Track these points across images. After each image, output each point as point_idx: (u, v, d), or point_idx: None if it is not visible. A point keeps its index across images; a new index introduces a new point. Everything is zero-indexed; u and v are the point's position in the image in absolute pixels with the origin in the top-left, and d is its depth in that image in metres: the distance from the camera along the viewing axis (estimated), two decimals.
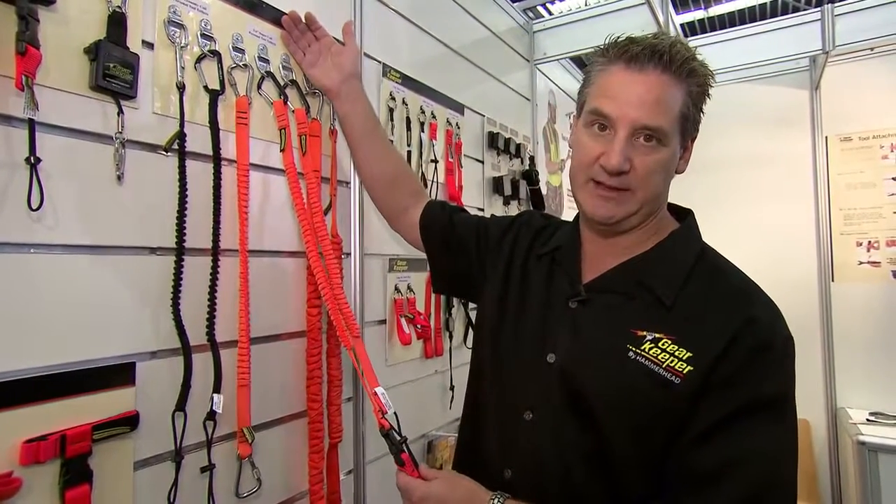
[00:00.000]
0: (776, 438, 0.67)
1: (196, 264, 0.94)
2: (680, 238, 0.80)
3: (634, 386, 0.71)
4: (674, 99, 0.73)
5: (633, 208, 0.75)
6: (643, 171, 0.73)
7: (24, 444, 0.70)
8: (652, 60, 0.72)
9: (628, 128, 0.72)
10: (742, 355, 0.67)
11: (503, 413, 0.84)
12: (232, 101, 1.01)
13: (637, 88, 0.72)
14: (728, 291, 0.74)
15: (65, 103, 0.78)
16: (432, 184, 1.58)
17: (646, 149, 0.73)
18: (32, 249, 0.74)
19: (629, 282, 0.78)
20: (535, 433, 0.78)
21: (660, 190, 0.77)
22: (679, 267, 0.76)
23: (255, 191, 1.04)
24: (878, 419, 2.31)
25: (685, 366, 0.68)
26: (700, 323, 0.71)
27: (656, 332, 0.72)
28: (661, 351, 0.70)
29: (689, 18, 2.95)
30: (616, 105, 0.73)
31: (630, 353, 0.72)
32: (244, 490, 1.00)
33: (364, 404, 1.33)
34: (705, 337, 0.69)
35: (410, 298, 1.50)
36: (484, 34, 1.98)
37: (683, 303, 0.73)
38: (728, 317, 0.70)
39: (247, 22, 1.06)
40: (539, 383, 0.79)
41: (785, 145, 2.73)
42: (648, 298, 0.75)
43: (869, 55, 2.52)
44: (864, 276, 2.53)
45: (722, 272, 0.77)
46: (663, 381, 0.69)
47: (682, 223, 0.83)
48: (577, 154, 0.79)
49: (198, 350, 0.93)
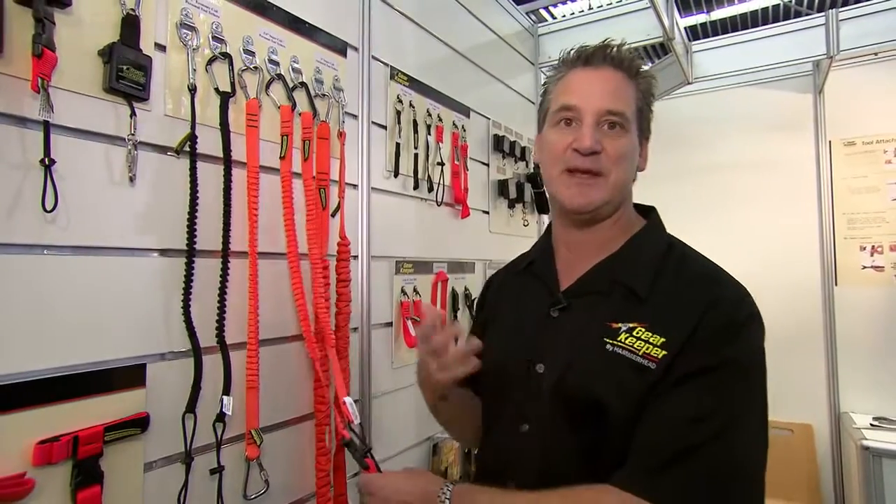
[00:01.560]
0: (735, 396, 0.69)
1: (206, 266, 0.94)
2: (648, 234, 0.85)
3: (616, 376, 0.72)
4: (629, 92, 0.81)
5: (608, 194, 0.79)
6: (613, 154, 0.78)
7: (37, 445, 0.70)
8: (605, 60, 0.81)
9: (594, 114, 0.78)
10: (707, 333, 0.70)
11: (503, 426, 0.85)
12: (242, 104, 1.02)
13: (597, 82, 0.80)
14: (694, 277, 0.77)
15: (79, 105, 0.78)
16: (438, 186, 1.58)
17: (612, 134, 0.79)
18: (46, 251, 0.75)
19: (605, 280, 0.81)
20: (532, 444, 0.80)
21: (628, 178, 0.82)
22: (650, 260, 0.80)
23: (264, 193, 1.04)
24: (882, 424, 2.30)
25: (660, 351, 0.71)
26: (671, 310, 0.74)
27: (630, 322, 0.75)
28: (636, 339, 0.73)
29: (692, 22, 2.96)
30: (580, 97, 0.79)
31: (608, 345, 0.74)
32: (252, 492, 1.00)
33: (371, 406, 1.33)
34: (675, 321, 0.72)
35: (416, 301, 1.50)
36: (489, 37, 1.98)
37: (656, 293, 0.77)
38: (696, 300, 0.73)
39: (257, 24, 1.07)
40: (531, 394, 0.81)
41: (788, 150, 2.72)
42: (624, 293, 0.78)
43: (873, 60, 2.52)
44: (868, 280, 2.53)
45: (689, 261, 0.81)
46: (640, 367, 0.71)
47: (647, 220, 0.86)
48: (549, 151, 0.83)
49: (208, 352, 0.93)
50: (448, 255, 1.67)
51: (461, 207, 1.71)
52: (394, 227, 1.44)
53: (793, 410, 2.62)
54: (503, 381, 0.85)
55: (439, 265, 1.62)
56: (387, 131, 1.42)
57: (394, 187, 1.45)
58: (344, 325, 1.18)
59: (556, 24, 2.34)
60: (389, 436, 1.40)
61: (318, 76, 1.19)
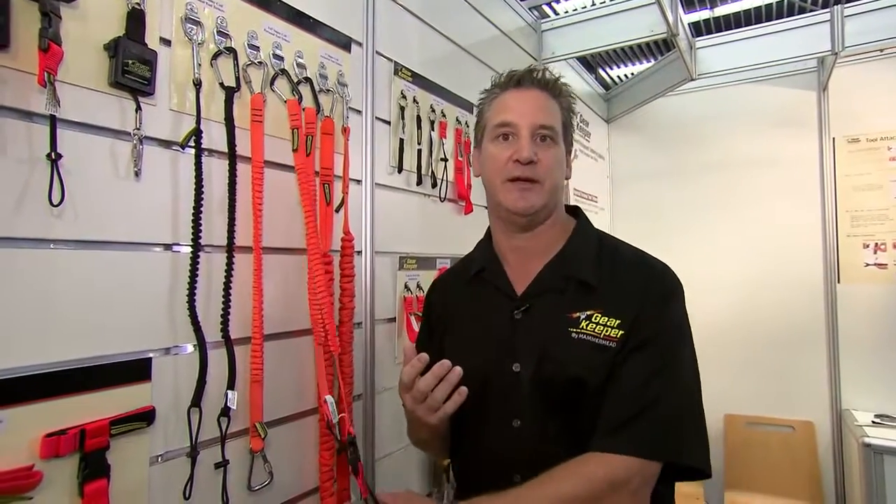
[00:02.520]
0: (674, 351, 0.84)
1: (211, 261, 0.94)
2: (582, 231, 0.96)
3: (585, 361, 0.83)
4: (555, 109, 0.92)
5: (545, 198, 0.89)
6: (546, 163, 0.89)
7: (44, 438, 0.71)
8: (533, 82, 0.92)
9: (529, 128, 0.89)
10: (648, 309, 0.84)
11: (493, 427, 0.90)
12: (247, 99, 1.02)
13: (528, 101, 0.91)
14: (628, 263, 0.91)
15: (84, 99, 0.78)
16: (442, 182, 1.58)
17: (545, 146, 0.90)
18: (53, 245, 0.75)
19: (557, 278, 0.90)
20: (528, 434, 0.86)
21: (559, 184, 0.93)
22: (590, 254, 0.92)
23: (269, 188, 1.04)
24: (884, 421, 2.30)
25: (617, 331, 0.83)
26: (617, 294, 0.86)
27: (587, 310, 0.86)
28: (596, 324, 0.85)
29: (696, 18, 2.95)
30: (516, 114, 0.90)
31: (573, 334, 0.85)
32: (256, 483, 1.00)
33: (375, 402, 1.33)
34: (624, 303, 0.85)
35: (420, 297, 1.50)
36: (493, 33, 1.98)
37: (603, 282, 0.88)
38: (634, 282, 0.87)
39: (261, 19, 1.07)
40: (515, 392, 0.87)
41: (792, 146, 2.72)
42: (576, 287, 0.89)
43: (878, 56, 2.51)
44: (871, 277, 2.52)
45: (620, 250, 0.94)
46: (603, 347, 0.83)
47: (577, 220, 0.98)
48: (490, 164, 0.92)
49: (213, 346, 0.93)
50: (451, 250, 1.67)
51: (464, 203, 1.71)
52: (397, 223, 1.45)
53: (795, 407, 2.62)
54: (483, 385, 0.89)
55: (442, 261, 1.62)
56: (390, 127, 1.42)
57: (397, 183, 1.45)
58: (348, 320, 1.19)
59: (560, 19, 2.33)
60: (392, 431, 1.41)
61: (323, 71, 1.19)
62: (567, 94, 0.96)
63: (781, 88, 2.77)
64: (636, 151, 3.11)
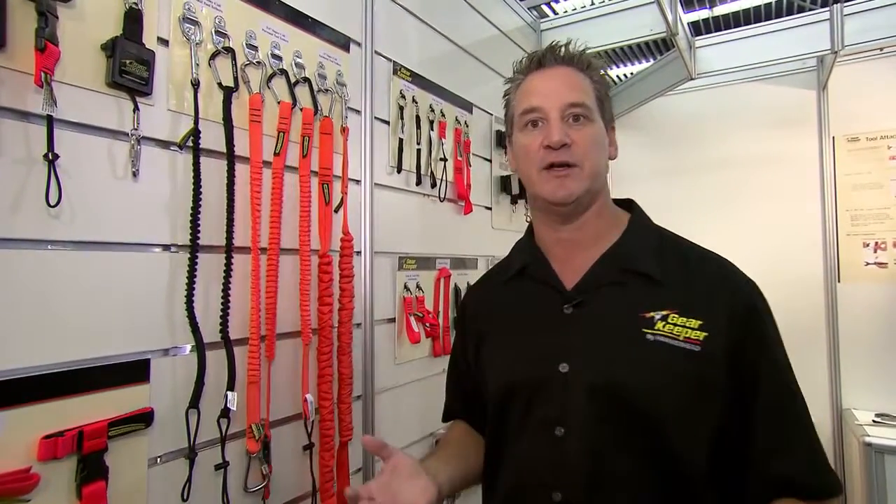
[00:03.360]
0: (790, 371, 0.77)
1: (209, 261, 0.94)
2: (640, 224, 0.87)
3: (664, 365, 0.73)
4: (585, 84, 0.83)
5: (585, 183, 0.80)
6: (582, 144, 0.80)
7: (42, 440, 0.71)
8: (556, 60, 0.84)
9: (558, 110, 0.80)
10: (743, 317, 0.75)
11: (531, 436, 0.80)
12: (245, 99, 1.01)
13: (553, 80, 0.83)
14: (699, 261, 0.82)
15: (82, 100, 0.78)
16: (441, 182, 1.58)
17: (578, 126, 0.80)
18: (50, 246, 0.75)
19: (614, 271, 0.81)
20: (572, 447, 0.75)
21: (601, 165, 0.83)
22: (652, 248, 0.82)
23: (267, 188, 1.04)
24: (885, 420, 2.30)
25: (699, 333, 0.73)
26: (692, 293, 0.77)
27: (661, 309, 0.76)
28: (674, 325, 0.75)
29: (696, 17, 2.94)
30: (541, 96, 0.82)
31: (648, 335, 0.75)
32: (251, 485, 1.00)
33: (374, 402, 1.33)
34: (704, 305, 0.75)
35: (419, 297, 1.50)
36: (492, 33, 1.98)
37: (669, 279, 0.78)
38: (715, 284, 0.78)
39: (259, 19, 1.06)
40: (561, 396, 0.77)
41: (792, 145, 2.71)
42: (639, 281, 0.79)
43: (877, 55, 2.50)
44: (871, 276, 2.52)
45: (685, 245, 0.85)
46: (686, 352, 0.73)
47: (632, 212, 0.89)
48: (523, 155, 0.85)
49: (211, 347, 0.93)
50: (451, 251, 1.67)
51: (464, 203, 1.71)
52: (397, 223, 1.44)
53: None
54: (524, 388, 0.81)
55: (442, 261, 1.62)
56: (389, 127, 1.42)
57: (397, 183, 1.44)
58: (347, 320, 1.18)
59: (559, 19, 2.33)
60: (392, 431, 1.40)
61: (322, 71, 1.19)
62: (597, 66, 0.86)
63: (781, 87, 2.76)
64: (635, 151, 3.10)
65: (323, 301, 1.12)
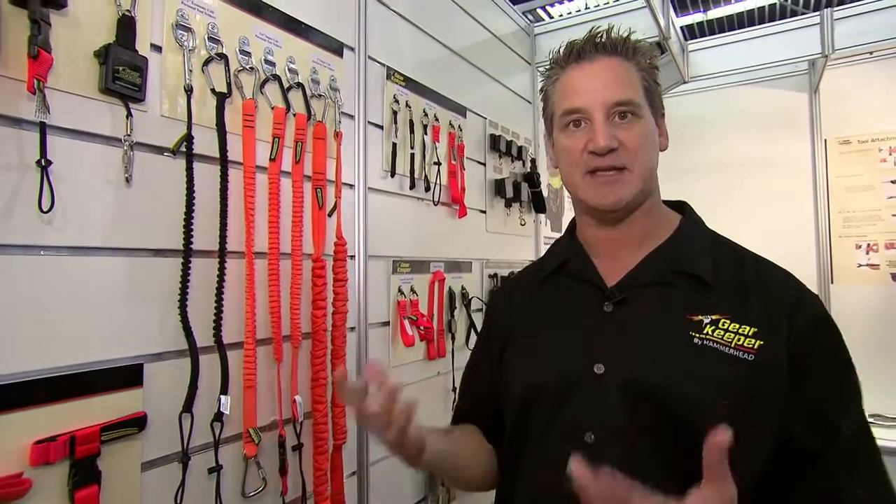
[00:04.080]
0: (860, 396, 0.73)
1: (203, 266, 0.94)
2: (692, 225, 0.81)
3: (711, 371, 0.67)
4: (631, 75, 0.75)
5: (637, 187, 0.74)
6: (632, 145, 0.73)
7: (33, 445, 0.71)
8: (597, 50, 0.76)
9: (602, 110, 0.73)
10: (807, 328, 0.69)
11: (561, 437, 0.74)
12: (238, 104, 1.02)
13: (596, 75, 0.75)
14: (759, 268, 0.75)
15: (75, 106, 0.79)
16: (435, 186, 1.59)
17: (625, 125, 0.74)
18: (42, 251, 0.75)
19: (663, 271, 0.75)
20: (602, 455, 0.65)
21: (652, 164, 0.77)
22: (705, 249, 0.77)
23: (260, 193, 1.04)
24: (878, 421, 2.31)
25: (753, 341, 0.68)
26: (748, 299, 0.71)
27: (711, 313, 0.70)
28: (725, 331, 0.69)
29: (689, 21, 2.97)
30: (583, 95, 0.75)
31: (695, 339, 0.69)
32: (250, 489, 1.00)
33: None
34: (761, 312, 0.70)
35: (413, 300, 1.50)
36: (486, 37, 1.99)
37: (721, 283, 0.73)
38: (778, 293, 0.72)
39: (253, 25, 1.07)
40: (593, 399, 0.72)
41: (784, 148, 2.73)
42: (688, 283, 0.73)
43: (868, 59, 2.53)
44: (863, 278, 2.54)
45: (743, 252, 0.79)
46: (737, 360, 0.67)
47: (684, 213, 0.83)
48: (565, 158, 0.79)
49: (205, 352, 0.93)
50: (445, 254, 1.68)
51: (458, 207, 1.71)
52: (391, 227, 1.45)
53: None
54: (553, 390, 0.75)
55: (436, 265, 1.63)
56: (383, 131, 1.43)
57: (391, 187, 1.45)
58: (341, 324, 1.19)
59: (553, 23, 2.35)
60: None
61: (315, 76, 1.20)
62: (644, 52, 0.78)
63: (773, 90, 2.78)
64: None
65: (316, 305, 1.13)
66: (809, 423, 0.68)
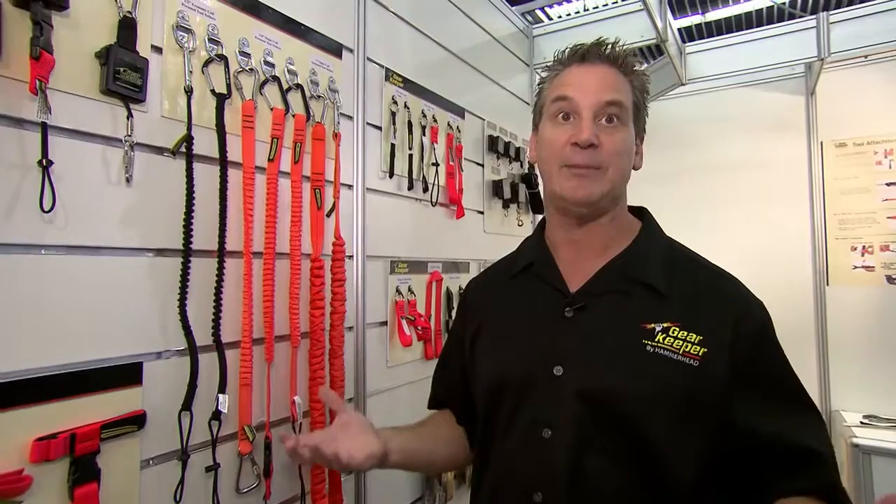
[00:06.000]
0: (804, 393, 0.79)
1: (202, 266, 0.95)
2: (650, 233, 0.86)
3: (660, 377, 0.73)
4: (625, 87, 0.81)
5: (606, 187, 0.79)
6: (611, 148, 0.78)
7: (34, 442, 0.71)
8: (600, 57, 0.81)
9: (592, 107, 0.78)
10: (751, 338, 0.75)
11: (518, 435, 0.80)
12: (238, 105, 1.03)
13: (593, 77, 0.80)
14: (710, 278, 0.81)
15: (76, 107, 0.79)
16: (433, 187, 1.60)
17: (609, 128, 0.78)
18: (44, 251, 0.76)
19: (621, 279, 0.80)
20: (556, 450, 0.75)
21: (625, 172, 0.82)
22: (660, 259, 0.82)
23: (259, 194, 1.05)
24: (872, 422, 2.33)
25: (698, 348, 0.73)
26: (697, 308, 0.76)
27: (663, 321, 0.76)
28: (674, 339, 0.74)
29: (687, 24, 2.98)
30: (577, 90, 0.79)
31: (647, 347, 0.75)
32: (244, 486, 1.01)
33: (366, 405, 1.34)
34: (709, 321, 0.75)
35: (411, 300, 1.51)
36: (484, 38, 2.00)
37: (675, 291, 0.78)
38: (723, 302, 0.77)
39: (252, 27, 1.08)
40: (551, 398, 0.77)
41: (780, 150, 2.75)
42: (644, 292, 0.79)
43: (863, 62, 2.55)
44: (859, 280, 2.56)
45: (696, 261, 0.84)
46: (682, 366, 0.73)
47: (643, 220, 0.88)
48: (547, 147, 0.82)
49: (203, 351, 0.94)
50: (443, 255, 1.69)
51: (456, 208, 1.72)
52: (389, 228, 1.46)
53: None
54: (515, 386, 0.81)
55: (434, 265, 1.64)
56: (382, 132, 1.43)
57: (389, 188, 1.46)
58: (339, 324, 1.19)
59: (551, 25, 2.35)
60: None
61: (314, 78, 1.21)
62: (641, 73, 0.84)
63: (770, 93, 2.80)
64: None
65: (315, 305, 1.13)
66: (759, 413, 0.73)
